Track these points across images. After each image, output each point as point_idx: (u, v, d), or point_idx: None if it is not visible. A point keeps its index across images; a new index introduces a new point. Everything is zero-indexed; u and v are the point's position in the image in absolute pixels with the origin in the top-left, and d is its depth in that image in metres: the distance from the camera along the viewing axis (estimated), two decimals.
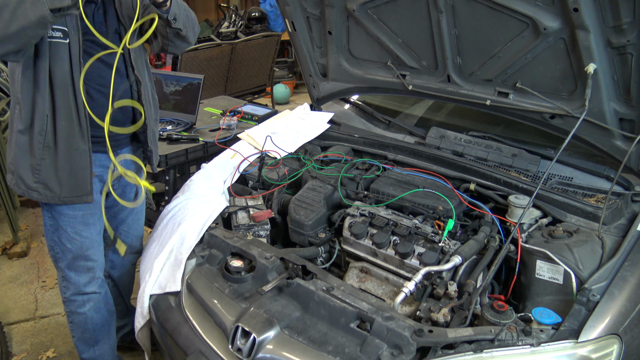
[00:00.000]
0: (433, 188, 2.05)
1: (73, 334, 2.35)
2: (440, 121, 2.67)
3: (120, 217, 2.41)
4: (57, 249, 2.18)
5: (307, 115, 2.81)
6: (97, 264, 2.26)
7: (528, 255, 1.74)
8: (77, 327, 2.32)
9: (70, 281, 2.22)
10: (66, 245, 2.16)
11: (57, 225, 2.14)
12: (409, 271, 1.82)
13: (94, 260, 2.24)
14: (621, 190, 1.96)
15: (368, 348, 1.47)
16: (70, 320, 2.31)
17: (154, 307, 1.93)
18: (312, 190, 2.16)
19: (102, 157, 2.14)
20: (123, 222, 2.43)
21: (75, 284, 2.23)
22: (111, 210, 2.37)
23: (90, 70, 1.97)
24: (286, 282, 1.69)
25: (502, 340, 1.41)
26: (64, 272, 2.22)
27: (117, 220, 2.42)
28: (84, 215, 2.15)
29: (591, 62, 1.79)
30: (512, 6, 1.87)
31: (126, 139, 2.25)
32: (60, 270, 2.22)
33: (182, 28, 2.08)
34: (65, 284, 2.24)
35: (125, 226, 2.45)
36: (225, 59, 5.45)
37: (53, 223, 2.15)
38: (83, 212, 2.14)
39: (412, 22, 2.20)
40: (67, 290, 2.25)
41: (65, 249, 2.17)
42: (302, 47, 2.67)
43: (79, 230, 2.15)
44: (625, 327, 1.47)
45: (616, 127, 1.92)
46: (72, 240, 2.15)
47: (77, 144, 2.01)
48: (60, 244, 2.16)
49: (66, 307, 2.29)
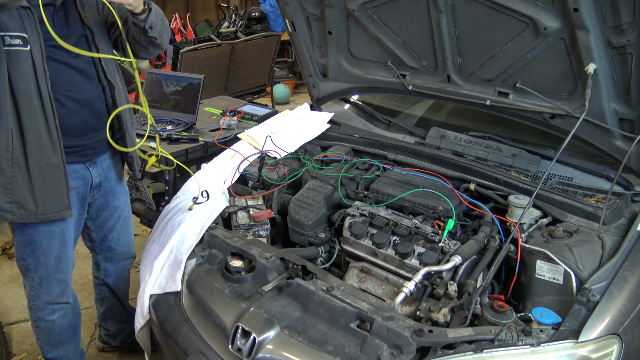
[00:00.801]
0: (433, 188, 2.05)
1: (38, 337, 2.30)
2: (440, 121, 2.67)
3: (108, 226, 2.37)
4: (30, 261, 2.10)
5: (307, 115, 2.81)
6: (69, 276, 2.22)
7: (528, 255, 1.74)
8: (43, 332, 2.27)
9: (42, 291, 2.16)
10: (40, 260, 2.09)
11: (31, 240, 2.05)
12: (409, 271, 1.82)
13: (67, 273, 2.20)
14: (621, 190, 1.96)
15: (368, 348, 1.47)
16: (37, 325, 2.26)
17: (154, 307, 1.93)
18: (312, 190, 2.16)
19: (78, 168, 2.07)
20: (112, 230, 2.40)
21: (48, 294, 2.17)
22: (97, 221, 2.34)
23: (58, 76, 1.89)
24: (286, 282, 1.69)
25: (502, 340, 1.41)
26: (34, 282, 2.15)
27: (104, 230, 2.38)
28: (61, 231, 2.08)
29: (591, 62, 1.79)
30: (512, 6, 1.87)
31: (103, 145, 2.16)
32: (31, 280, 2.15)
33: (158, 37, 2.01)
34: (35, 293, 2.18)
35: (114, 234, 2.41)
36: (225, 59, 5.45)
37: (24, 239, 2.06)
38: (60, 227, 2.07)
39: (412, 22, 2.20)
40: (37, 299, 2.19)
41: (39, 263, 2.10)
42: (302, 47, 2.67)
43: (54, 245, 2.08)
44: (625, 327, 1.47)
45: (616, 127, 1.92)
46: (47, 254, 2.08)
47: (49, 157, 1.90)
48: (33, 257, 2.09)
49: (33, 314, 2.23)
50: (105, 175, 2.25)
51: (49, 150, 1.90)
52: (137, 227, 3.89)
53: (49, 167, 1.91)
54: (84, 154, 2.10)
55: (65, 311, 2.27)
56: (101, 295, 2.62)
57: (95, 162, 2.17)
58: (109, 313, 2.66)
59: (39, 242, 2.06)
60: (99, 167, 2.19)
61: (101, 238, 2.42)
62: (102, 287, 2.59)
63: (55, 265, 2.14)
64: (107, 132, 2.05)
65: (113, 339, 2.75)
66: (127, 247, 2.51)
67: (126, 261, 2.56)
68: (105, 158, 2.22)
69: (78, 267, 3.57)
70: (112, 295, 2.60)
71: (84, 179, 2.14)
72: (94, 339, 2.92)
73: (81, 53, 1.89)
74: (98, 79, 2.05)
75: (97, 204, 2.29)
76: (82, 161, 2.11)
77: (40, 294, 2.19)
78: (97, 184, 2.21)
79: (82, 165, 2.11)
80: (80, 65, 1.97)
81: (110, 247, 2.46)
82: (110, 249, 2.46)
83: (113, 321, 2.68)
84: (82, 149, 2.08)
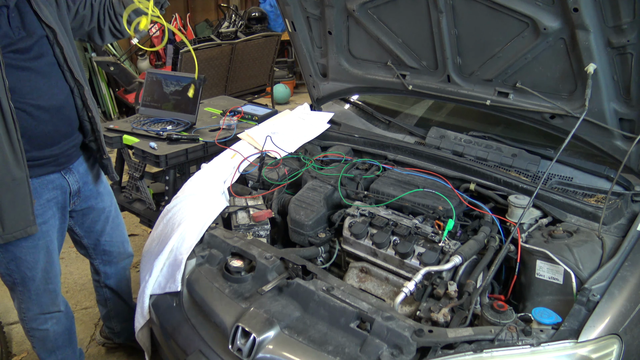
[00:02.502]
0: (433, 188, 2.05)
1: (34, 345, 2.28)
2: (440, 121, 2.67)
3: (97, 229, 2.32)
4: (16, 276, 2.04)
5: (307, 115, 2.81)
6: (58, 285, 2.17)
7: (528, 255, 1.74)
8: (39, 340, 2.24)
9: (32, 304, 2.13)
10: (27, 274, 2.03)
11: (14, 256, 1.98)
12: (409, 271, 1.82)
13: (56, 283, 2.16)
14: (621, 190, 1.96)
15: (368, 348, 1.47)
16: (31, 335, 2.23)
17: (154, 307, 1.93)
18: (312, 190, 2.16)
19: (54, 178, 2.00)
20: (102, 233, 2.35)
21: (38, 305, 2.14)
22: (84, 226, 2.29)
23: (21, 85, 1.77)
24: (286, 282, 1.69)
25: (502, 340, 1.41)
26: (23, 296, 2.10)
27: (95, 234, 2.33)
28: (45, 243, 2.02)
29: (591, 62, 1.79)
30: (512, 6, 1.87)
31: (76, 150, 2.09)
32: (20, 294, 2.10)
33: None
34: (26, 306, 2.14)
35: (106, 236, 2.37)
36: (225, 59, 5.45)
37: (7, 255, 1.98)
38: (44, 240, 2.01)
39: (412, 22, 2.20)
40: (28, 311, 2.15)
41: (25, 277, 2.04)
42: (302, 47, 2.67)
43: (39, 258, 2.02)
44: (625, 327, 1.47)
45: (616, 127, 1.92)
46: (33, 268, 2.03)
47: (13, 173, 1.77)
48: (18, 272, 2.02)
49: (26, 325, 2.20)
50: (83, 181, 2.17)
51: (13, 166, 1.77)
52: (137, 227, 3.91)
53: (13, 184, 1.79)
54: (58, 162, 2.01)
55: (57, 319, 2.23)
56: (103, 297, 2.60)
57: (70, 169, 2.09)
58: (112, 313, 2.64)
59: (23, 257, 1.99)
60: (75, 174, 2.11)
61: (94, 243, 2.37)
62: (103, 289, 2.56)
63: (42, 277, 2.08)
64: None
65: (117, 337, 2.73)
66: (123, 247, 2.48)
67: (124, 261, 2.53)
68: (80, 162, 2.14)
69: (78, 267, 3.58)
70: (115, 296, 2.58)
71: (62, 188, 2.06)
72: (94, 339, 2.92)
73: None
74: (65, 80, 1.93)
75: (80, 209, 2.23)
76: (57, 170, 2.02)
77: (31, 306, 2.14)
78: (75, 190, 2.13)
79: (57, 174, 2.02)
80: (43, 69, 1.84)
81: (105, 250, 2.42)
82: (106, 252, 2.43)
83: (117, 320, 2.66)
84: (56, 158, 1.99)
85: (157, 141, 2.89)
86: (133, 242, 2.74)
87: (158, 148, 2.83)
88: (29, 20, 1.82)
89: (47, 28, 1.86)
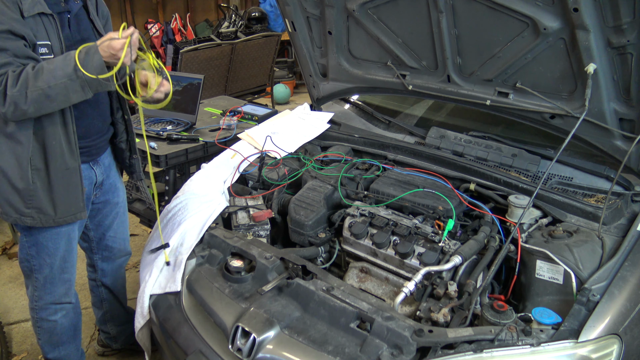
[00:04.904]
0: (433, 188, 2.05)
1: (39, 337, 2.31)
2: (440, 121, 2.67)
3: (106, 223, 2.38)
4: (34, 262, 2.11)
5: (307, 115, 2.81)
6: (73, 275, 2.24)
7: (528, 255, 1.74)
8: (45, 332, 2.28)
9: (46, 292, 2.17)
10: (45, 260, 2.10)
11: (36, 241, 2.07)
12: (409, 271, 1.82)
13: (72, 273, 2.22)
14: (621, 190, 1.96)
15: (368, 348, 1.47)
16: (39, 325, 2.26)
17: (154, 307, 1.92)
18: (312, 190, 2.16)
19: (84, 168, 2.08)
20: (109, 228, 2.40)
21: (52, 294, 2.18)
22: (95, 219, 2.35)
23: None
24: (286, 282, 1.69)
25: (502, 340, 1.41)
26: (38, 283, 2.16)
27: (103, 228, 2.39)
28: (67, 231, 2.10)
29: (591, 62, 1.79)
30: (512, 6, 1.87)
31: (106, 143, 2.22)
32: (35, 281, 2.16)
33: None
34: (39, 294, 2.19)
35: (112, 232, 2.42)
36: (225, 59, 5.45)
37: (30, 239, 2.08)
38: (67, 228, 2.09)
39: (412, 22, 2.20)
40: (40, 299, 2.20)
41: (43, 264, 2.11)
42: (302, 47, 2.67)
43: (60, 246, 2.10)
44: (625, 327, 1.47)
45: (616, 127, 1.92)
46: (52, 255, 2.10)
47: (67, 162, 1.94)
48: (38, 258, 2.10)
49: (35, 314, 2.24)
50: (107, 173, 2.27)
51: (67, 156, 1.94)
52: (137, 227, 3.90)
53: (67, 173, 1.96)
54: (90, 153, 2.13)
55: (67, 311, 2.27)
56: (99, 297, 2.61)
57: (97, 161, 2.20)
58: (108, 315, 2.64)
59: (45, 243, 2.08)
60: (101, 166, 2.22)
61: (99, 237, 2.42)
62: (99, 288, 2.58)
63: (60, 266, 2.15)
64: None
65: (114, 342, 2.73)
66: (124, 244, 2.52)
67: (122, 259, 2.56)
68: (106, 156, 2.25)
69: (78, 267, 3.55)
70: (111, 296, 2.59)
71: (89, 178, 2.16)
72: (94, 339, 2.91)
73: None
74: None
75: (97, 202, 2.30)
76: (87, 161, 2.13)
77: (44, 295, 2.19)
78: (100, 182, 2.24)
79: (86, 165, 2.13)
80: None
81: (107, 246, 2.46)
82: (108, 247, 2.46)
83: (113, 323, 2.67)
84: (89, 149, 2.12)
85: (157, 141, 2.89)
86: (133, 242, 2.74)
87: (158, 148, 2.83)
88: (84, 27, 2.03)
89: (98, 36, 2.04)
